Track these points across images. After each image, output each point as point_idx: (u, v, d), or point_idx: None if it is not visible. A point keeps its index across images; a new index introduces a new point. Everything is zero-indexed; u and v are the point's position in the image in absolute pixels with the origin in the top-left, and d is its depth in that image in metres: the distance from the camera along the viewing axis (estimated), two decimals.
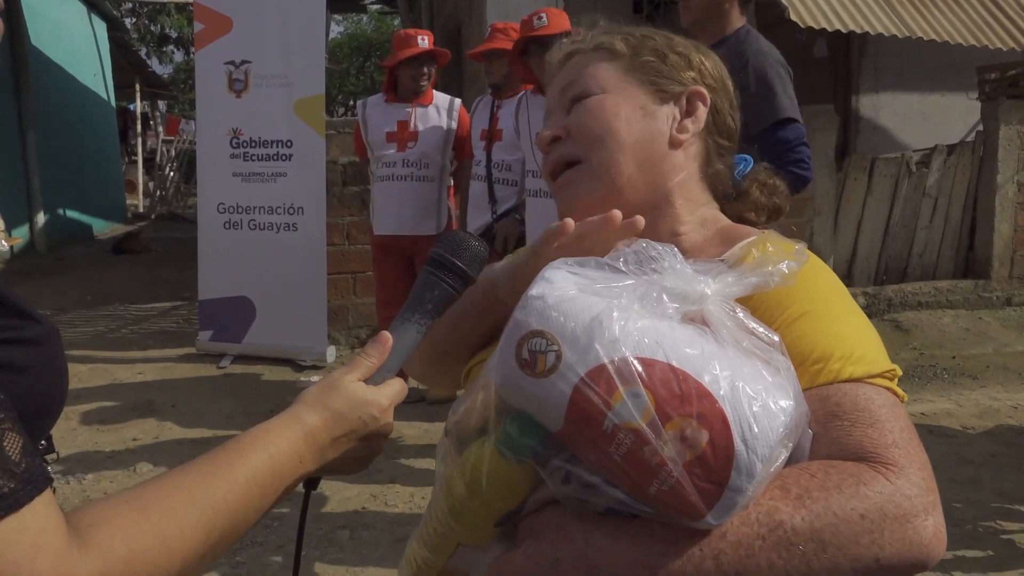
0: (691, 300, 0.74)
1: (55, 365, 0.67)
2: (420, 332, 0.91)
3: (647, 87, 0.97)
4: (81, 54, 12.15)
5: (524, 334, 0.71)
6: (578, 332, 0.69)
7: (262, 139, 5.19)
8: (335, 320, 5.41)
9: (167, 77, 23.56)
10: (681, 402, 0.67)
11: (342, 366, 0.87)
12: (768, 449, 0.67)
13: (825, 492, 0.71)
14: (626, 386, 0.67)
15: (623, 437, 0.67)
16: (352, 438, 0.83)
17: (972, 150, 6.02)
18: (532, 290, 0.73)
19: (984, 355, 5.24)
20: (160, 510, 0.66)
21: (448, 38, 9.41)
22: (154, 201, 14.43)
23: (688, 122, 0.97)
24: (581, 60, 1.00)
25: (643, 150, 0.95)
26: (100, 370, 5.13)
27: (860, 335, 0.84)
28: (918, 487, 0.73)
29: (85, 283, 7.95)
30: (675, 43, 1.01)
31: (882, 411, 0.78)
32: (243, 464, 0.74)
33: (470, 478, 0.75)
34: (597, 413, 0.67)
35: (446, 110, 4.33)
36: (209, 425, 4.20)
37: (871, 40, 6.29)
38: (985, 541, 2.94)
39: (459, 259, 0.92)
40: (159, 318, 6.62)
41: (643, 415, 0.67)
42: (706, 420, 0.67)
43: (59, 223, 10.53)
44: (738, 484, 0.67)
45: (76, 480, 3.57)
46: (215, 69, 5.23)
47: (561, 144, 0.98)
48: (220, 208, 5.30)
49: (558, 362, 0.69)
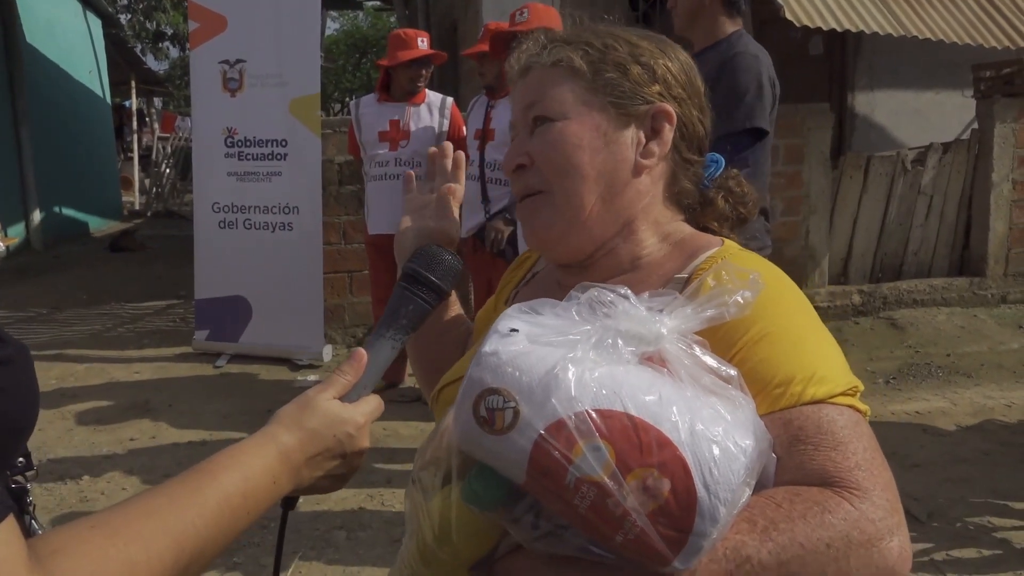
0: (647, 341, 0.74)
1: (25, 385, 0.66)
2: (395, 348, 0.91)
3: (609, 111, 0.94)
4: (76, 51, 12.11)
5: (480, 391, 0.71)
6: (534, 387, 0.69)
7: (257, 138, 5.18)
8: (331, 319, 5.41)
9: (163, 73, 23.50)
10: (641, 452, 0.67)
11: (331, 372, 0.87)
12: (730, 493, 0.68)
13: (791, 523, 0.72)
14: (585, 440, 0.67)
15: (586, 490, 0.67)
16: (328, 456, 0.83)
17: (967, 148, 6.03)
18: (486, 346, 0.73)
19: (979, 353, 5.26)
20: (127, 535, 0.65)
21: (444, 35, 9.40)
22: (150, 198, 14.39)
23: (653, 144, 0.95)
24: (542, 76, 0.96)
25: (606, 181, 0.93)
26: (97, 369, 5.13)
27: (821, 354, 0.83)
28: (883, 509, 0.74)
29: (81, 281, 7.94)
30: (639, 51, 0.96)
31: (844, 432, 0.78)
32: (214, 486, 0.73)
33: (439, 529, 0.76)
34: (558, 468, 0.68)
35: (438, 109, 4.36)
36: (206, 425, 4.20)
37: (866, 38, 6.29)
38: (978, 540, 2.95)
39: (433, 274, 0.93)
40: (155, 317, 6.62)
41: (604, 468, 0.67)
42: (667, 468, 0.67)
43: (55, 221, 10.51)
44: (702, 529, 0.68)
45: (73, 481, 3.57)
46: (210, 68, 5.22)
47: (526, 172, 0.97)
48: (215, 207, 5.29)
49: (516, 419, 0.69)
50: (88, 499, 3.43)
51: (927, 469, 3.52)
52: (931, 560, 2.80)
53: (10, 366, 0.65)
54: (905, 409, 4.34)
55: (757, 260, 0.92)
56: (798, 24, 5.38)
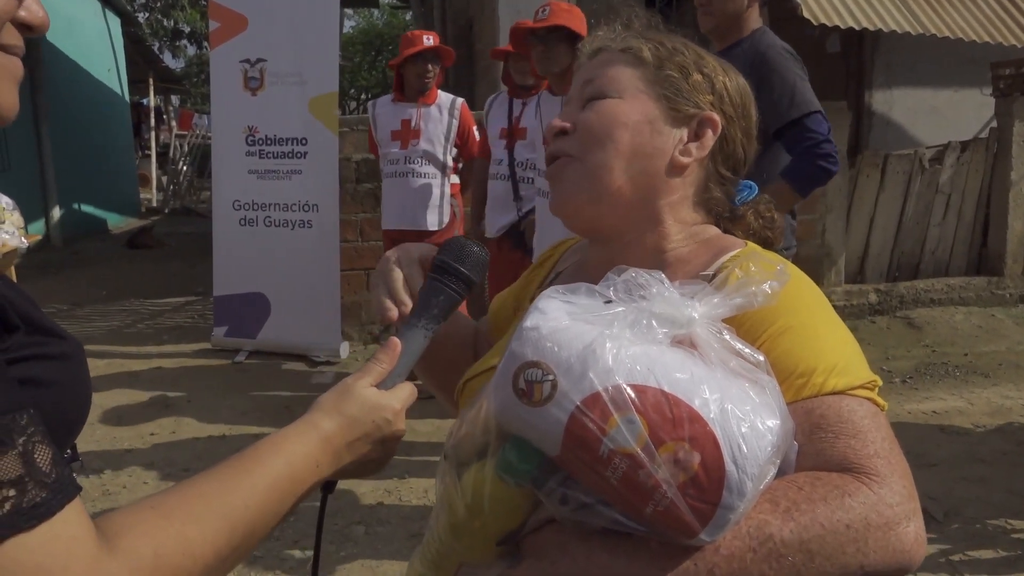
0: (679, 324, 0.77)
1: (79, 379, 0.70)
2: (427, 336, 0.94)
3: (661, 102, 0.97)
4: (95, 49, 12.22)
5: (520, 364, 0.73)
6: (572, 361, 0.72)
7: (277, 137, 5.23)
8: (349, 316, 5.45)
9: (180, 71, 23.65)
10: (673, 426, 0.70)
11: (355, 366, 0.90)
12: (757, 468, 0.71)
13: (812, 504, 0.75)
14: (620, 413, 0.70)
15: (619, 462, 0.70)
16: (367, 442, 0.86)
17: (986, 147, 5.99)
18: (527, 321, 0.76)
19: (997, 352, 5.24)
20: (183, 516, 0.69)
21: (459, 34, 9.42)
22: (167, 196, 14.51)
23: (693, 146, 0.97)
24: (607, 59, 1.01)
25: (640, 164, 0.96)
26: (117, 365, 5.19)
27: (841, 348, 0.87)
28: (899, 495, 0.76)
29: (100, 278, 8.03)
30: (704, 62, 1.00)
31: (864, 422, 0.81)
32: (262, 470, 0.77)
33: (471, 500, 0.78)
34: (593, 439, 0.70)
35: (447, 109, 4.44)
36: (225, 420, 4.25)
37: (884, 36, 6.26)
38: (996, 540, 2.95)
39: (463, 265, 0.95)
40: (174, 313, 6.69)
41: (638, 440, 0.69)
42: (698, 443, 0.70)
43: (74, 218, 10.62)
44: (730, 502, 0.70)
45: (96, 475, 3.62)
46: (231, 67, 5.27)
47: (564, 138, 1.00)
48: (236, 205, 5.34)
49: (554, 391, 0.72)
50: (110, 492, 3.48)
51: (944, 468, 3.52)
52: (948, 560, 2.80)
53: (68, 361, 0.68)
54: (922, 408, 4.33)
55: (780, 259, 0.94)
56: (815, 22, 5.37)
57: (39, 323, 0.68)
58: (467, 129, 4.46)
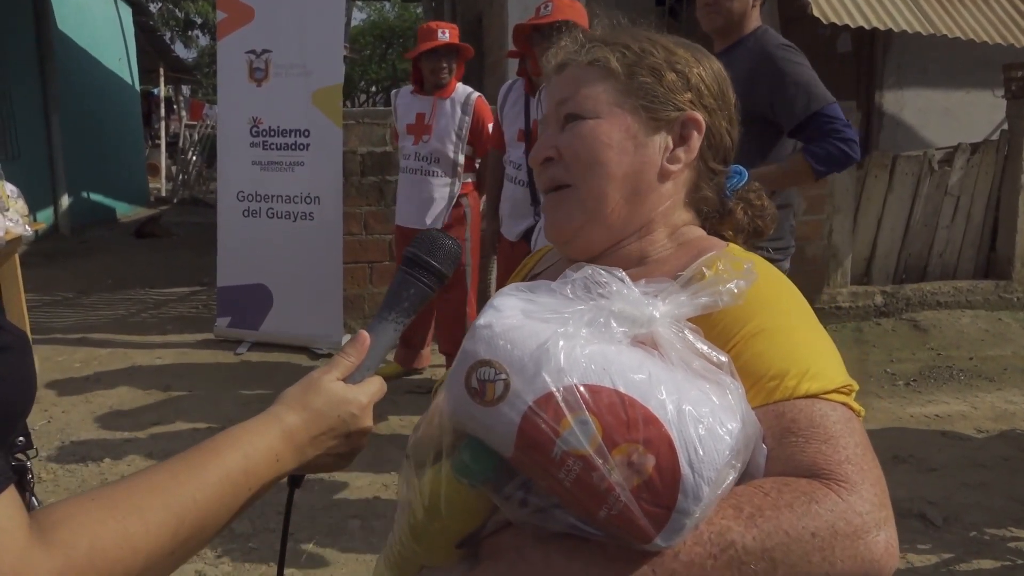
0: (639, 323, 0.75)
1: (21, 372, 0.68)
2: (397, 331, 0.93)
3: (640, 114, 0.95)
4: (106, 38, 12.25)
5: (473, 363, 0.72)
6: (525, 360, 0.71)
7: (280, 128, 5.22)
8: (351, 309, 5.44)
9: (191, 62, 23.69)
10: (628, 428, 0.68)
11: None
12: (715, 472, 0.69)
13: (777, 511, 0.72)
14: (573, 413, 0.68)
15: (572, 464, 0.68)
16: (332, 436, 0.85)
17: (996, 149, 5.94)
18: (480, 319, 0.75)
19: (1003, 357, 5.19)
20: (127, 508, 0.67)
21: (469, 28, 9.39)
22: (176, 185, 14.54)
23: (680, 151, 0.96)
24: (576, 74, 0.98)
25: (632, 182, 0.95)
26: (120, 354, 5.20)
27: (817, 350, 0.84)
28: (870, 503, 0.74)
29: (107, 266, 8.05)
30: (675, 58, 0.97)
31: (836, 427, 0.78)
32: (216, 463, 0.75)
33: (429, 503, 0.77)
34: (546, 440, 0.69)
35: (461, 105, 4.34)
36: (225, 411, 4.25)
37: (895, 36, 6.21)
38: (996, 548, 2.91)
39: (434, 258, 0.94)
40: (178, 303, 6.70)
41: (590, 442, 0.68)
42: (653, 445, 0.68)
43: (83, 206, 10.65)
44: (685, 507, 0.68)
45: (95, 464, 3.63)
46: (237, 58, 5.26)
47: (553, 165, 0.98)
48: (239, 196, 5.34)
49: (506, 391, 0.70)
50: (109, 481, 3.48)
51: (945, 473, 3.49)
52: (948, 569, 2.77)
53: (7, 353, 0.67)
54: (925, 412, 4.30)
55: (757, 259, 0.92)
56: (825, 22, 5.33)
57: None
58: (481, 125, 4.33)
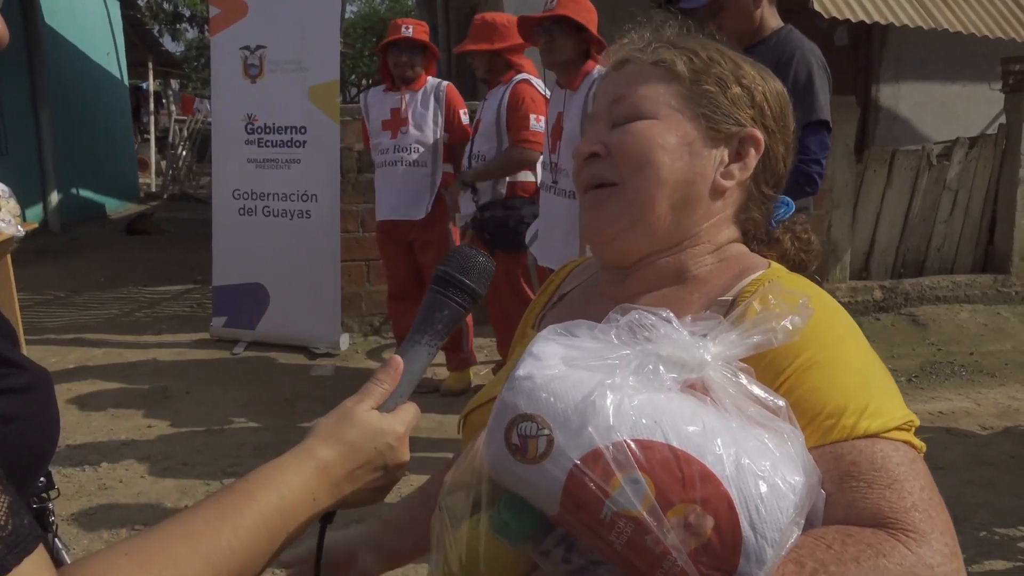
0: (690, 368, 0.70)
1: (45, 412, 0.66)
2: (431, 354, 0.88)
3: (700, 122, 0.91)
4: (94, 32, 12.11)
5: (513, 417, 0.68)
6: (569, 414, 0.66)
7: (276, 125, 5.16)
8: (348, 307, 5.39)
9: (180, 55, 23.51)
10: (683, 487, 0.64)
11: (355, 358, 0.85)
12: (778, 532, 0.64)
13: (842, 566, 0.67)
14: (623, 472, 0.64)
15: (623, 525, 0.64)
16: (368, 469, 0.81)
17: (994, 143, 5.93)
18: (519, 369, 0.70)
19: (1003, 352, 5.19)
20: (161, 562, 0.64)
21: (463, 21, 9.33)
22: (166, 181, 14.43)
23: (735, 168, 0.92)
24: (637, 73, 0.93)
25: (681, 191, 0.90)
26: (114, 354, 5.14)
27: (875, 384, 0.79)
28: (941, 554, 0.69)
29: (98, 264, 7.97)
30: (743, 72, 0.93)
31: (900, 469, 0.74)
32: (251, 507, 0.72)
33: (466, 559, 0.73)
34: (594, 500, 0.64)
35: (433, 94, 4.39)
36: (223, 412, 4.20)
37: (893, 29, 6.19)
38: (1007, 549, 2.90)
39: (467, 276, 0.89)
40: (172, 301, 6.63)
41: (643, 503, 0.63)
42: (711, 505, 0.64)
43: (72, 202, 10.54)
44: (747, 571, 0.64)
45: (92, 468, 3.57)
46: (230, 54, 5.19)
47: (598, 162, 0.92)
48: (235, 194, 5.28)
49: (550, 447, 0.66)
50: (107, 486, 3.43)
51: (951, 471, 3.47)
52: None
53: (31, 394, 0.64)
54: (928, 409, 4.28)
55: (806, 283, 0.88)
56: (826, 16, 5.30)
57: (1, 355, 0.64)
58: (453, 113, 4.38)
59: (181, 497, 3.34)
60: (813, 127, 2.46)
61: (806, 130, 2.44)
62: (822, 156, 2.45)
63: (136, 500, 3.32)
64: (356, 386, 0.85)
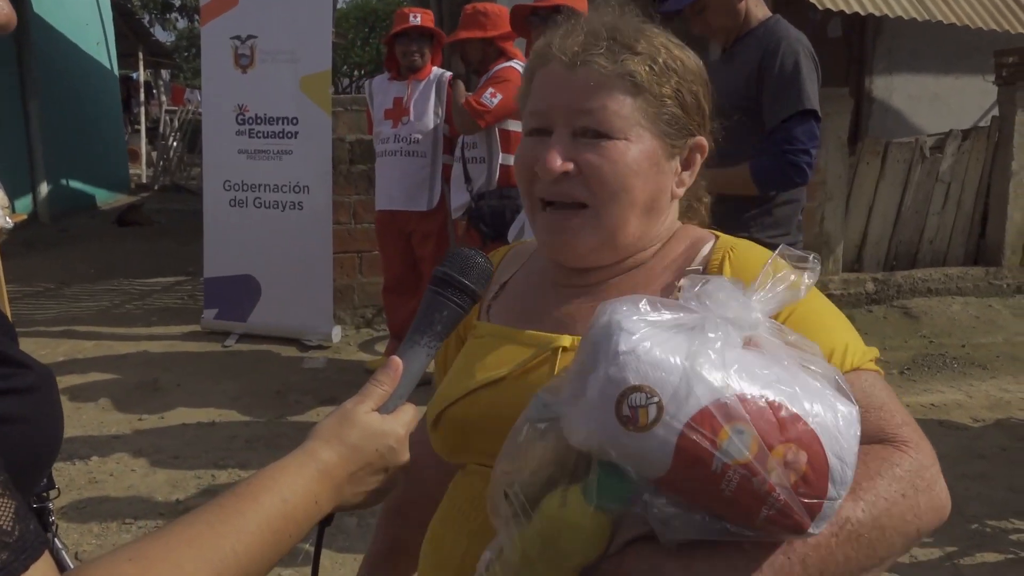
0: (748, 326, 0.78)
1: (49, 411, 0.66)
2: (430, 355, 0.89)
3: (663, 140, 0.95)
4: (84, 22, 12.00)
5: (623, 391, 0.72)
6: (675, 379, 0.72)
7: (268, 116, 5.12)
8: (341, 300, 5.37)
9: (170, 44, 23.35)
10: (780, 430, 0.71)
11: (347, 350, 0.84)
12: (853, 456, 0.74)
13: (871, 481, 0.79)
14: (731, 423, 0.71)
15: (732, 474, 0.71)
16: (370, 471, 0.81)
17: (987, 136, 5.94)
18: (620, 345, 0.74)
19: (994, 344, 5.20)
20: (165, 568, 0.64)
21: (456, 11, 9.26)
22: (157, 172, 14.34)
23: (686, 175, 0.99)
24: (600, 82, 0.92)
25: (647, 206, 0.96)
26: (105, 347, 5.11)
27: (843, 325, 0.91)
28: (929, 456, 0.83)
29: (89, 256, 7.92)
30: (690, 74, 0.96)
31: (882, 394, 0.87)
32: (254, 510, 0.72)
33: (546, 538, 0.76)
34: (705, 455, 0.71)
35: (436, 85, 4.39)
36: (215, 405, 4.18)
37: (886, 21, 6.17)
38: (999, 541, 2.91)
39: (466, 277, 0.90)
40: (163, 293, 6.60)
41: (750, 449, 0.70)
42: (802, 442, 0.71)
43: (62, 193, 10.47)
44: (834, 494, 0.73)
45: (82, 462, 3.55)
46: (221, 44, 5.15)
47: (569, 180, 0.93)
48: (226, 185, 5.24)
49: (660, 413, 0.71)
50: (97, 480, 3.41)
51: (944, 464, 3.33)
52: (952, 563, 2.75)
53: (36, 394, 0.64)
54: (920, 401, 4.29)
55: (758, 248, 0.97)
56: (820, 7, 5.29)
57: (5, 355, 0.63)
58: (450, 104, 4.34)
59: (172, 490, 3.32)
60: (800, 117, 2.41)
61: (793, 120, 2.41)
62: (811, 146, 2.42)
63: (126, 493, 3.30)
64: (348, 378, 0.84)
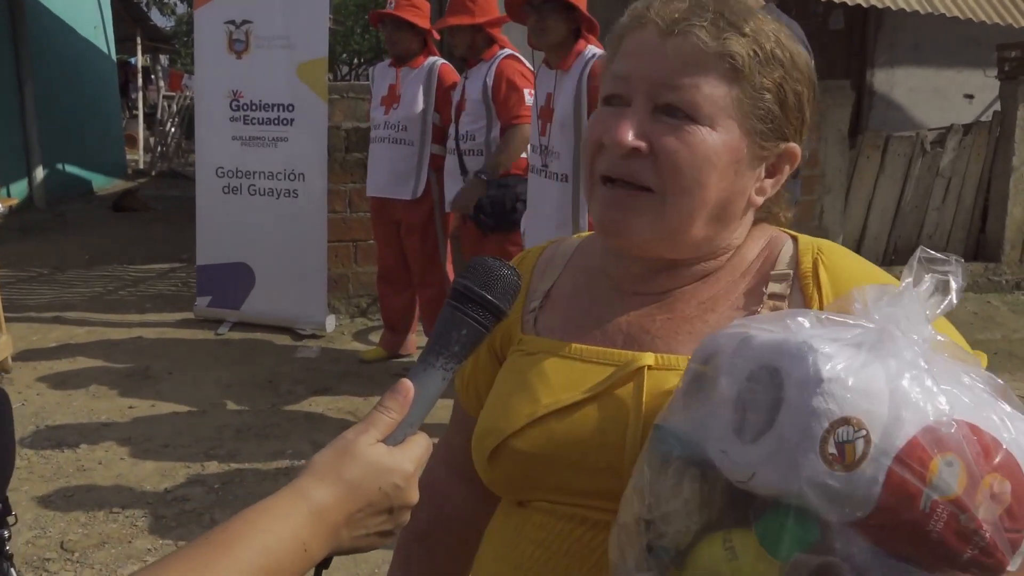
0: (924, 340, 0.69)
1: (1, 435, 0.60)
2: (446, 379, 0.78)
3: (752, 139, 0.85)
4: (81, 6, 11.90)
5: (829, 424, 0.64)
6: (882, 408, 0.64)
7: (263, 102, 5.06)
8: (335, 289, 5.33)
9: (169, 30, 23.21)
10: (985, 458, 0.64)
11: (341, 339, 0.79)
12: None
13: None
14: (942, 454, 0.63)
15: (941, 511, 0.63)
16: (370, 513, 0.71)
17: (988, 130, 5.90)
18: (824, 372, 0.65)
19: (992, 341, 5.17)
20: None
21: None
22: (154, 157, 14.26)
23: (768, 183, 0.89)
24: (696, 58, 0.83)
25: (718, 209, 0.87)
26: (97, 333, 5.07)
27: None
28: None
29: (83, 241, 7.87)
30: (797, 72, 0.86)
31: None
32: (226, 563, 0.62)
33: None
34: (915, 492, 0.63)
35: (426, 72, 4.33)
36: (206, 394, 4.15)
37: (888, 13, 6.13)
38: None
39: (490, 292, 0.78)
40: (157, 280, 6.55)
41: (959, 483, 0.63)
42: (1006, 469, 0.64)
43: (58, 178, 10.41)
44: None
45: (70, 450, 3.52)
46: (215, 28, 5.09)
47: (638, 160, 0.84)
48: (219, 172, 5.19)
49: (867, 448, 0.63)
50: (85, 468, 3.38)
51: None
52: None
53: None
54: None
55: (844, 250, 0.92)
56: None
57: None
58: (444, 92, 4.29)
59: (161, 480, 3.29)
60: None
61: None
62: None
63: (115, 482, 3.27)
64: (342, 368, 0.78)
